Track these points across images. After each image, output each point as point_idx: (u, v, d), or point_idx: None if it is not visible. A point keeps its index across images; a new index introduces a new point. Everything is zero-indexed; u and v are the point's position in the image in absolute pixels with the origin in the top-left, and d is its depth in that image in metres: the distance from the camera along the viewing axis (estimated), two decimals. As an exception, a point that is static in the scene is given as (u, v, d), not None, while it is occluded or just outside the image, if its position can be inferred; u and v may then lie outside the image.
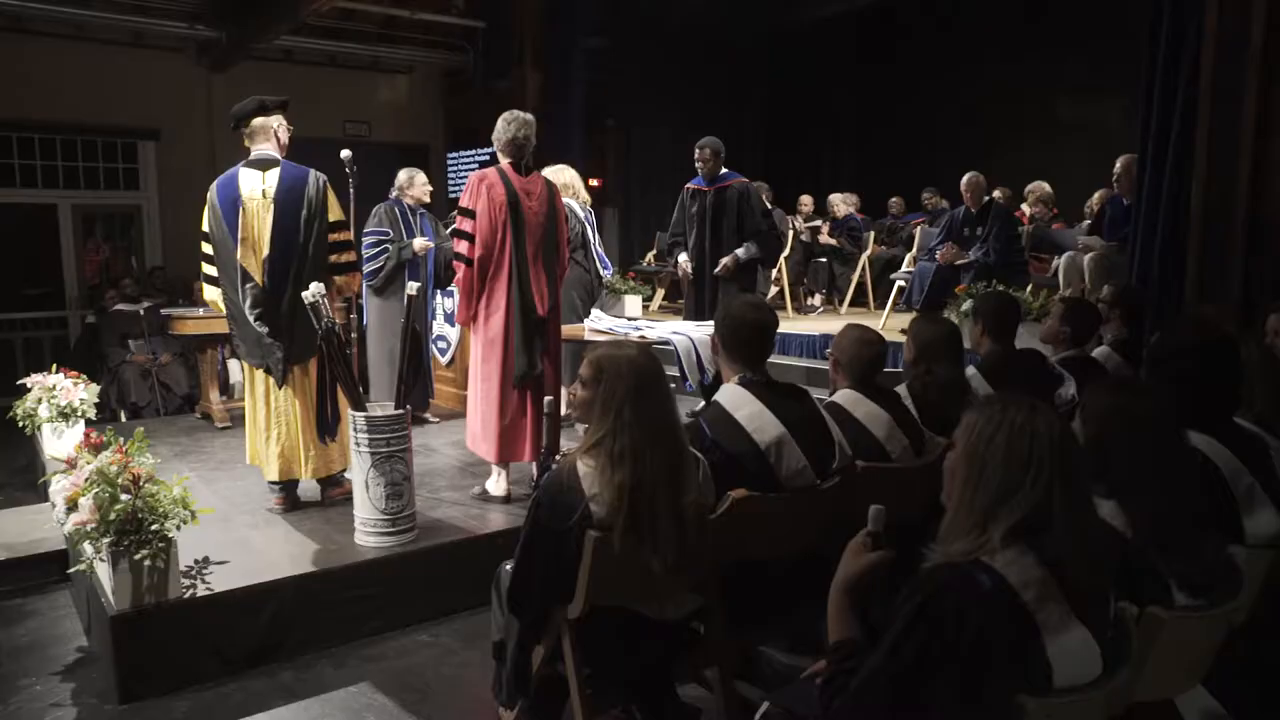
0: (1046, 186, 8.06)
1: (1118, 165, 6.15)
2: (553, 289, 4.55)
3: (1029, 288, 6.50)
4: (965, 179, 7.02)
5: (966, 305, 5.95)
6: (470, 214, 4.38)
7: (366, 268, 5.82)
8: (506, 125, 4.47)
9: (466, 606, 3.86)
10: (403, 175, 6.16)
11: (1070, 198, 8.20)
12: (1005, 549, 1.56)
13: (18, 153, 9.45)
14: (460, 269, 4.45)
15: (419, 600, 3.87)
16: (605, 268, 6.44)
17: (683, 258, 6.24)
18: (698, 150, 6.14)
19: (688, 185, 6.31)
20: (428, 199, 6.22)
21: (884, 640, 1.59)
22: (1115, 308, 4.37)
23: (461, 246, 4.43)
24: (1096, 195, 7.35)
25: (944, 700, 1.52)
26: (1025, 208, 8.16)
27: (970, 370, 3.61)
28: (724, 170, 6.14)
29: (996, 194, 7.52)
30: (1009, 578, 1.53)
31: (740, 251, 6.00)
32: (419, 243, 5.99)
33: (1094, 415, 2.09)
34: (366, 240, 5.89)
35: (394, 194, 6.12)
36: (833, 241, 9.34)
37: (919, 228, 8.69)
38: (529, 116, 4.51)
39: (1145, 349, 3.67)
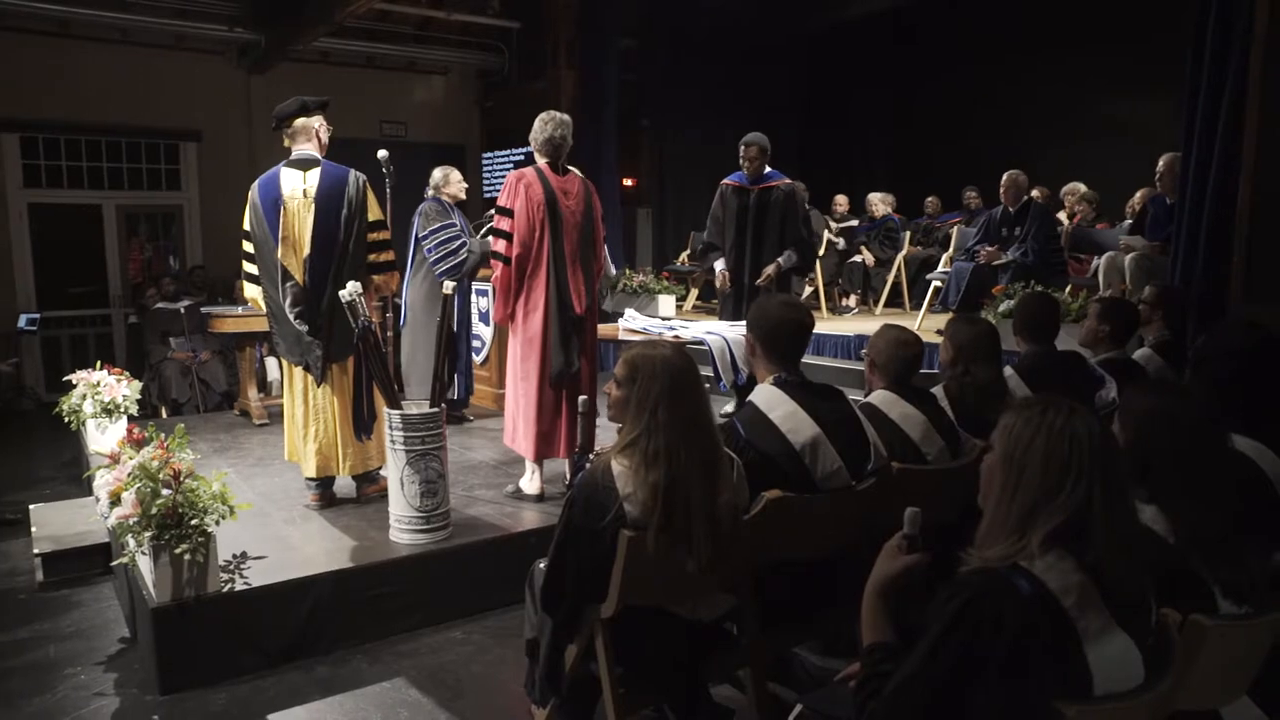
0: (1083, 186, 7.94)
1: (1160, 164, 6.04)
2: (590, 288, 4.55)
3: (1068, 288, 6.41)
4: (1005, 178, 6.93)
5: (1004, 306, 5.88)
6: (508, 213, 4.40)
7: (446, 263, 5.82)
8: (543, 125, 4.48)
9: (500, 604, 3.89)
10: (438, 174, 6.18)
11: (1110, 197, 8.06)
12: (1044, 554, 1.53)
13: (65, 154, 9.66)
14: (498, 268, 4.47)
15: (453, 597, 3.90)
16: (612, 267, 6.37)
17: (720, 265, 6.07)
18: (743, 147, 5.94)
19: (725, 182, 6.09)
20: (463, 196, 6.24)
21: (920, 644, 1.57)
22: (1157, 309, 4.29)
23: (499, 245, 4.45)
24: (1138, 194, 7.23)
25: (981, 706, 1.50)
26: (1062, 215, 8.01)
27: (1008, 371, 3.57)
28: (768, 169, 5.95)
29: (1035, 193, 7.42)
30: (1049, 583, 1.50)
31: (782, 260, 5.85)
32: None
33: (1133, 418, 2.05)
34: (441, 235, 5.84)
35: (430, 192, 6.15)
36: (870, 257, 9.26)
37: (955, 228, 8.60)
38: (565, 116, 4.53)
39: (1189, 351, 3.61)
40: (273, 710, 3.20)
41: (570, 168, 4.60)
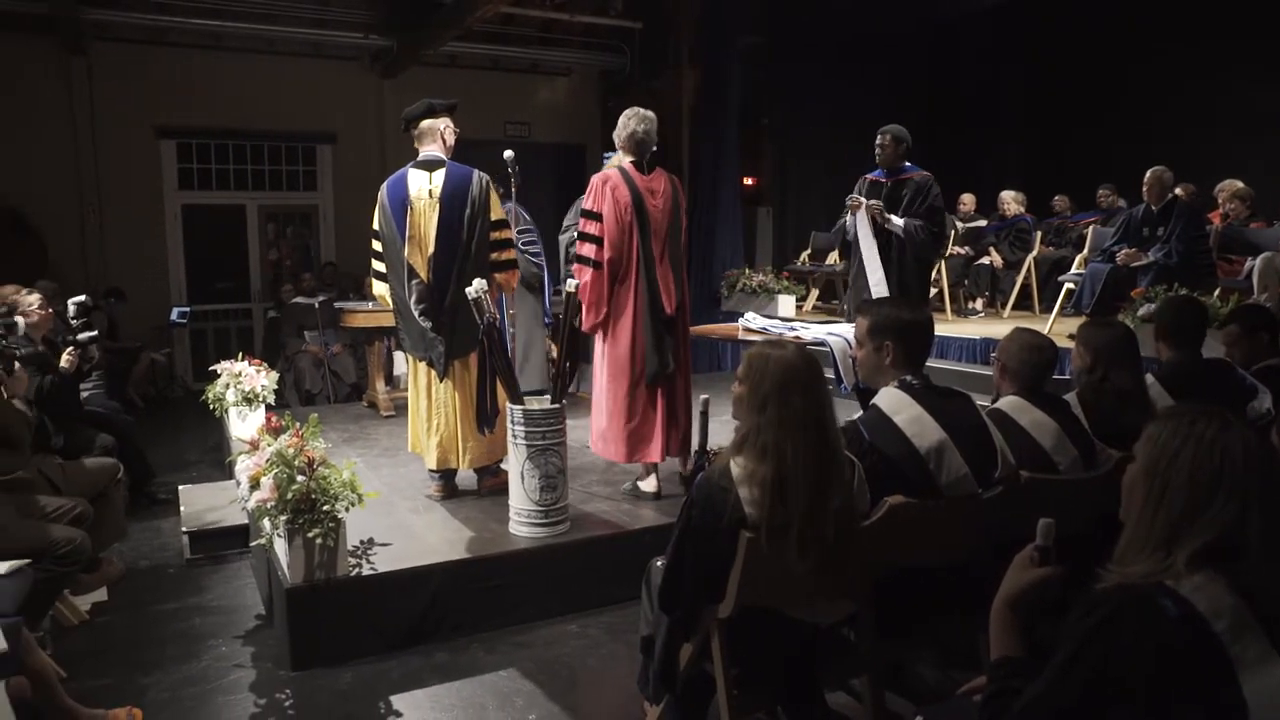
0: (1239, 183, 7.44)
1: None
2: (679, 287, 4.52)
3: (1216, 291, 6.02)
4: (1148, 174, 6.56)
5: (1143, 310, 5.58)
6: (596, 216, 4.39)
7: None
8: (626, 121, 4.45)
9: (614, 600, 3.92)
10: None
11: (1266, 195, 7.52)
12: (1192, 574, 1.43)
13: (214, 158, 10.26)
14: (586, 273, 4.41)
15: (568, 591, 3.96)
16: None
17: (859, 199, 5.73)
18: (879, 135, 5.78)
19: (865, 175, 5.94)
20: None
21: (1053, 663, 1.49)
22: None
23: (588, 250, 4.42)
24: (1302, 188, 6.73)
25: (1119, 732, 1.41)
26: (1214, 217, 7.52)
27: (1149, 380, 3.38)
28: (906, 163, 5.76)
29: (1178, 191, 7.00)
30: (1197, 605, 1.39)
31: (898, 221, 5.50)
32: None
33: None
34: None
35: None
36: (998, 259, 8.93)
37: (1090, 227, 8.21)
38: (649, 113, 4.49)
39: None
40: (395, 692, 3.32)
41: (655, 165, 4.55)
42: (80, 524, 3.63)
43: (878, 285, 5.62)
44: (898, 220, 5.55)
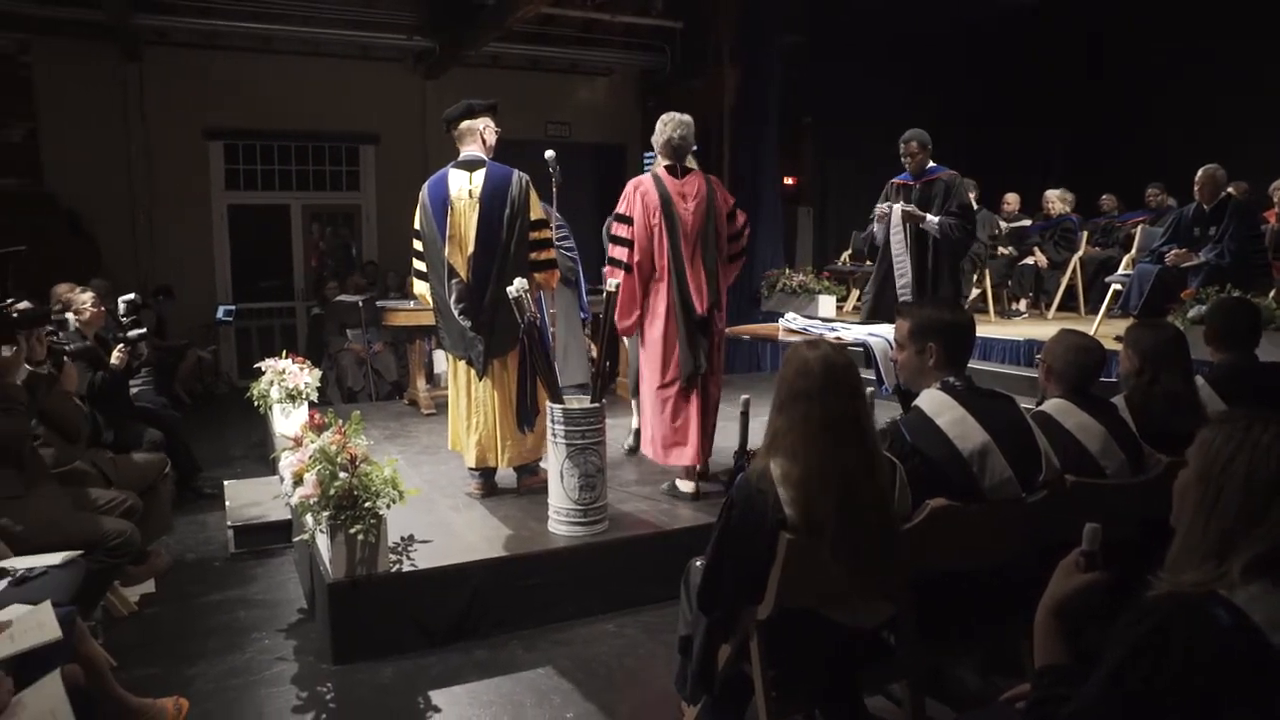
0: (1296, 181, 7.26)
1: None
2: (713, 287, 4.52)
3: (1271, 293, 5.87)
4: (1200, 173, 6.41)
5: (1194, 312, 5.46)
6: (627, 220, 4.44)
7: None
8: (663, 127, 4.48)
9: (652, 600, 3.92)
10: None
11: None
12: (1247, 584, 1.39)
13: (260, 159, 10.43)
14: (618, 275, 4.46)
15: (607, 591, 3.96)
16: None
17: (888, 208, 5.79)
18: (903, 144, 5.82)
19: (893, 180, 5.99)
20: None
21: (1100, 671, 1.45)
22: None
23: (619, 252, 4.47)
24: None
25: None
26: (1269, 216, 7.33)
27: (1199, 381, 3.31)
28: (932, 164, 5.81)
29: (1231, 189, 6.83)
30: (1253, 616, 1.35)
31: (933, 219, 5.54)
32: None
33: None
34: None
35: None
36: (1043, 259, 8.80)
37: (1139, 227, 8.05)
38: (686, 118, 4.50)
39: None
40: (435, 688, 3.34)
41: (692, 168, 4.57)
42: (130, 517, 3.71)
43: (904, 290, 5.64)
44: (933, 219, 5.57)
